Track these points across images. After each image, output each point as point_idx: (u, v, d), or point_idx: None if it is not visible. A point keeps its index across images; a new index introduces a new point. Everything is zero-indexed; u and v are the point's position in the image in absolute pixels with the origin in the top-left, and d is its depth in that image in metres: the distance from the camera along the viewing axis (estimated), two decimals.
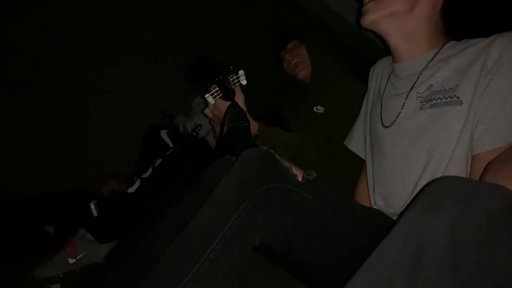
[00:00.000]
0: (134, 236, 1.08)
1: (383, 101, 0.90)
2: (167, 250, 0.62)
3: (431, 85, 0.78)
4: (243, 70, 0.92)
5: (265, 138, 1.07)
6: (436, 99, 0.76)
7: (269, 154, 0.67)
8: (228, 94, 0.94)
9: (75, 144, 1.95)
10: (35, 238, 1.29)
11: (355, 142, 1.05)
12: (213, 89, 0.93)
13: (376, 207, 0.88)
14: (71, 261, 1.12)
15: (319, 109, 1.25)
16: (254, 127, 1.05)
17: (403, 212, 0.45)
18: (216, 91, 0.93)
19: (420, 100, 0.79)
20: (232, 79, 0.92)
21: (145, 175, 1.23)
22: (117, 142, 2.06)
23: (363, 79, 1.10)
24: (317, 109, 1.25)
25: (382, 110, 0.90)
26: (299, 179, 0.68)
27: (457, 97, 0.72)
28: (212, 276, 0.58)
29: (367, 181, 0.95)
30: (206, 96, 0.94)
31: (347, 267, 0.64)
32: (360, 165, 1.04)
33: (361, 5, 0.84)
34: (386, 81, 0.92)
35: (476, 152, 0.69)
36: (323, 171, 1.12)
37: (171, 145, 1.79)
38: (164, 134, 1.83)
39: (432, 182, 0.45)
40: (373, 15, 0.80)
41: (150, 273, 0.60)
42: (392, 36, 0.82)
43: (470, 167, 0.70)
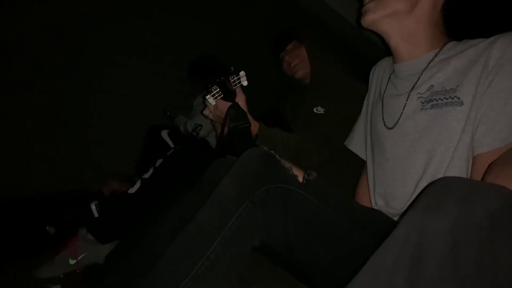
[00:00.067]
0: (135, 237, 1.08)
1: (384, 102, 0.90)
2: (167, 250, 0.62)
3: (431, 85, 0.78)
4: (244, 71, 0.92)
5: (265, 138, 1.07)
6: (436, 99, 0.75)
7: (269, 155, 0.67)
8: (229, 95, 0.94)
9: (75, 144, 1.95)
10: (36, 238, 1.29)
11: (355, 143, 1.05)
12: (214, 90, 0.93)
13: (376, 207, 0.88)
14: (71, 262, 1.12)
15: (319, 110, 1.25)
16: (254, 127, 1.05)
17: (404, 213, 0.45)
18: (217, 92, 0.94)
19: (420, 101, 0.79)
20: (233, 80, 0.92)
21: (146, 175, 1.23)
22: (117, 142, 2.05)
23: (363, 79, 1.10)
24: (317, 110, 1.25)
25: (384, 111, 0.89)
26: (300, 179, 0.68)
27: (457, 97, 0.71)
28: (212, 276, 0.58)
29: (368, 181, 0.95)
30: (207, 97, 0.94)
31: (347, 267, 0.64)
32: (360, 165, 1.04)
33: (361, 5, 0.84)
34: (386, 82, 0.92)
35: (477, 153, 0.68)
36: (324, 171, 1.13)
37: (172, 145, 1.79)
38: (165, 134, 1.83)
39: (433, 183, 0.45)
40: (373, 14, 0.80)
41: (150, 273, 0.60)
42: (392, 36, 0.82)
43: (471, 168, 0.70)
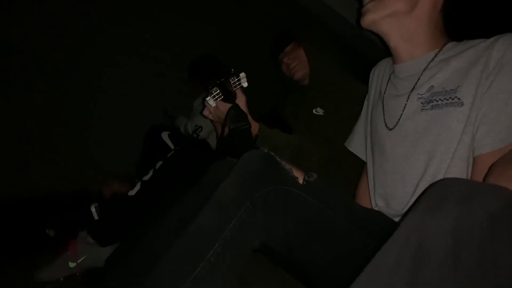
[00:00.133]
0: (135, 239, 1.08)
1: (384, 102, 0.90)
2: (168, 251, 0.62)
3: (431, 86, 0.77)
4: (244, 73, 0.92)
5: (265, 139, 1.07)
6: (437, 100, 0.75)
7: (269, 156, 0.67)
8: (229, 97, 0.94)
9: (75, 144, 1.95)
10: (36, 240, 1.29)
11: (355, 143, 1.05)
12: (214, 92, 0.93)
13: (376, 208, 0.88)
14: (71, 265, 1.12)
15: (319, 111, 1.25)
16: (254, 128, 1.05)
17: (405, 214, 0.46)
18: (217, 94, 0.94)
19: (421, 101, 0.79)
20: (233, 81, 0.92)
21: (146, 177, 1.23)
22: (117, 142, 2.05)
23: (364, 80, 1.09)
24: (316, 111, 1.25)
25: (384, 112, 0.89)
26: (300, 181, 0.68)
27: (458, 98, 0.71)
28: (212, 278, 0.58)
29: (368, 182, 0.95)
30: (207, 98, 0.94)
31: (347, 267, 0.64)
32: (360, 166, 1.04)
33: (361, 5, 0.84)
34: (386, 82, 0.92)
35: (477, 153, 0.68)
36: (324, 171, 1.13)
37: (172, 147, 1.79)
38: (165, 135, 1.83)
39: (433, 184, 0.45)
40: (373, 15, 0.80)
41: (150, 274, 0.60)
42: (392, 36, 0.82)
43: (472, 168, 0.70)
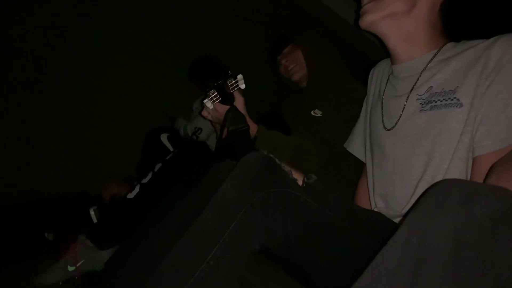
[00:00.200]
0: (134, 241, 1.08)
1: (384, 103, 0.90)
2: (168, 253, 0.62)
3: (430, 87, 0.77)
4: (241, 75, 0.91)
5: (264, 140, 1.07)
6: (436, 101, 0.75)
7: (269, 158, 0.67)
8: (227, 99, 0.94)
9: (75, 144, 1.95)
10: (35, 244, 1.29)
11: (355, 145, 1.05)
12: (212, 94, 0.93)
13: (376, 209, 0.88)
14: (70, 269, 1.13)
15: (317, 112, 1.25)
16: (253, 129, 1.05)
17: (406, 215, 0.46)
18: (215, 96, 0.93)
19: (420, 102, 0.78)
20: (231, 83, 0.92)
21: (145, 180, 1.23)
22: (117, 143, 2.06)
23: (363, 81, 1.09)
24: (314, 112, 1.25)
25: (383, 113, 0.89)
26: (299, 183, 0.68)
27: (457, 99, 0.71)
28: (212, 280, 0.59)
29: (367, 182, 0.95)
30: (205, 101, 0.94)
31: (347, 268, 0.65)
32: (360, 166, 1.04)
33: (359, 6, 0.84)
34: (385, 83, 0.92)
35: (477, 154, 0.68)
36: (324, 171, 1.13)
37: (171, 149, 1.79)
38: (164, 138, 1.82)
39: (434, 185, 0.45)
40: (372, 15, 0.79)
41: (151, 275, 0.60)
42: (390, 37, 0.82)
43: (471, 169, 0.70)
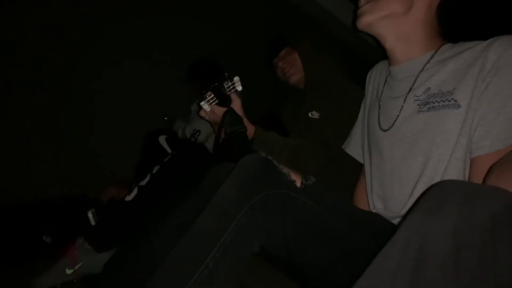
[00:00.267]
0: (133, 244, 1.08)
1: (381, 104, 0.90)
2: (167, 256, 0.62)
3: (428, 88, 0.77)
4: (238, 77, 0.92)
5: (261, 142, 1.07)
6: (433, 102, 0.75)
7: (267, 160, 0.67)
8: (224, 101, 0.94)
9: (75, 144, 1.96)
10: (33, 246, 1.29)
11: (353, 146, 1.05)
12: (208, 96, 0.93)
13: (374, 210, 0.88)
14: (69, 272, 1.13)
15: (314, 114, 1.24)
16: (250, 131, 1.05)
17: (405, 216, 0.45)
18: (211, 98, 0.94)
19: (417, 103, 0.79)
20: (227, 85, 0.92)
21: (143, 182, 1.23)
22: (116, 144, 2.06)
23: (362, 82, 1.09)
24: (312, 114, 1.25)
25: (380, 113, 0.89)
26: (298, 184, 0.68)
27: (454, 100, 0.71)
28: (212, 282, 0.58)
29: (366, 184, 0.95)
30: (202, 103, 0.95)
31: (346, 269, 0.65)
32: (359, 168, 1.04)
33: (356, 7, 0.84)
34: (383, 84, 0.92)
35: (475, 155, 0.68)
36: (324, 171, 1.13)
37: (170, 151, 1.79)
38: (162, 140, 1.83)
39: (433, 186, 0.45)
40: (370, 16, 0.80)
41: (150, 278, 0.60)
42: (388, 38, 0.82)
43: (470, 170, 0.70)
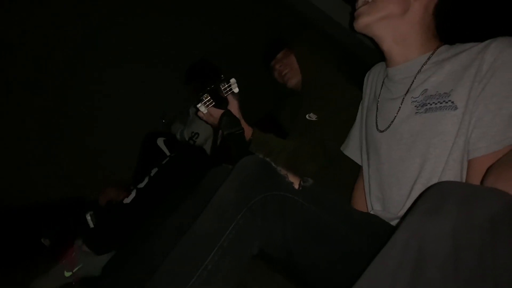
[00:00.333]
0: (132, 246, 1.08)
1: (379, 106, 0.90)
2: (167, 257, 0.62)
3: (425, 89, 0.78)
4: (234, 78, 0.92)
5: (259, 144, 1.07)
6: (430, 103, 0.75)
7: (265, 162, 0.67)
8: (221, 103, 0.95)
9: (74, 144, 1.97)
10: (31, 249, 1.30)
11: (351, 148, 1.05)
12: (205, 98, 0.93)
13: (373, 212, 0.88)
14: (67, 274, 1.13)
15: (312, 116, 1.25)
16: (248, 132, 1.06)
17: (403, 218, 0.45)
18: (208, 100, 0.94)
19: (415, 105, 0.79)
20: (223, 87, 0.92)
21: (141, 185, 1.23)
22: (115, 145, 2.06)
23: (359, 84, 1.09)
24: (309, 116, 1.25)
25: (378, 115, 0.89)
26: (296, 186, 0.68)
27: (451, 102, 0.71)
28: (211, 284, 0.59)
29: (364, 185, 0.95)
30: (199, 105, 0.95)
31: (346, 270, 0.66)
32: (357, 169, 1.04)
33: (354, 9, 0.84)
34: (381, 86, 0.92)
35: (472, 156, 0.68)
36: (324, 171, 1.13)
37: (168, 153, 1.79)
38: (160, 142, 1.82)
39: (431, 187, 0.45)
40: (367, 17, 0.80)
41: (149, 280, 0.60)
42: (385, 39, 0.82)
43: (467, 172, 0.70)
